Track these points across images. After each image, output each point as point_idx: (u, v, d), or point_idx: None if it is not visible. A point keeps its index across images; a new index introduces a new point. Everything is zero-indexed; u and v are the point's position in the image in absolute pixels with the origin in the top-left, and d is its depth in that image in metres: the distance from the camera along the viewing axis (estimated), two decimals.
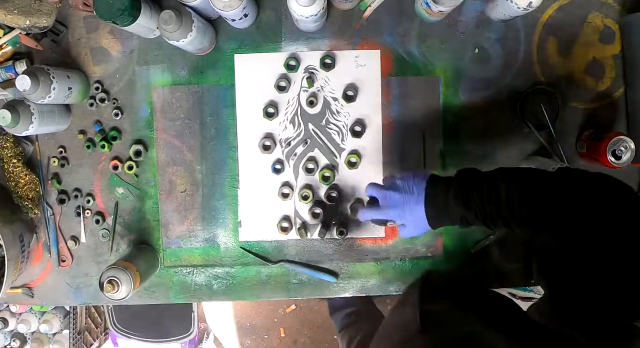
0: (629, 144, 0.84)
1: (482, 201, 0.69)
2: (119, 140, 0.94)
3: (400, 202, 0.77)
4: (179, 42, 0.80)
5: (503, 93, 0.93)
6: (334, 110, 0.94)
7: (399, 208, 0.77)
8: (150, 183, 0.96)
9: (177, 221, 0.96)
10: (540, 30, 0.93)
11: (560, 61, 0.93)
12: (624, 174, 0.93)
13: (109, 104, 0.94)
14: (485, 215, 0.69)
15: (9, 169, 0.93)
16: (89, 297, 0.98)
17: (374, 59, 0.92)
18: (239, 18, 0.84)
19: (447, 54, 0.93)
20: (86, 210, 0.95)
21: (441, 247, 0.95)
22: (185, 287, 0.97)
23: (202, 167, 0.95)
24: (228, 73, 0.94)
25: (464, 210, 0.71)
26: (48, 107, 0.87)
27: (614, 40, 0.93)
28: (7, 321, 1.52)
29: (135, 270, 0.86)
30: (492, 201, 0.68)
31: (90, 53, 0.94)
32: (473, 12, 0.92)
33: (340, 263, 0.96)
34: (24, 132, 0.84)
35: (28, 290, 0.97)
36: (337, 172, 0.94)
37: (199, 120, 0.94)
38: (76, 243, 0.96)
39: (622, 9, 0.92)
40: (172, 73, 0.94)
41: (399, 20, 0.92)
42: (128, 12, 0.75)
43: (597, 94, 0.93)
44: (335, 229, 0.94)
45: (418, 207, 0.75)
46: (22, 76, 0.78)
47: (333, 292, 0.97)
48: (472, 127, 0.93)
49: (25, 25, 0.86)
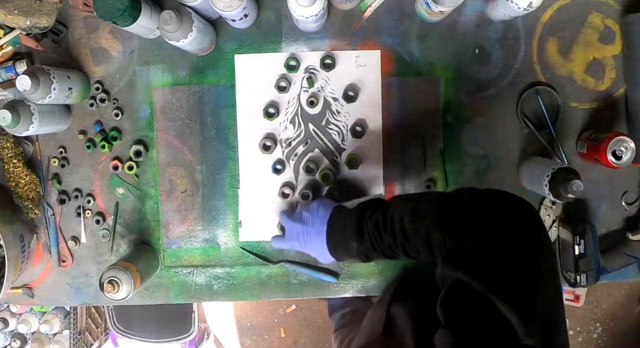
0: (629, 143, 0.84)
1: (378, 233, 0.69)
2: (119, 140, 0.94)
3: (302, 234, 0.79)
4: (179, 42, 0.80)
5: (503, 93, 0.93)
6: (334, 110, 0.94)
7: (300, 240, 0.80)
8: (150, 183, 0.96)
9: (177, 221, 0.96)
10: (540, 30, 0.93)
11: (560, 61, 0.93)
12: (624, 173, 0.93)
13: (109, 104, 0.94)
14: (383, 247, 0.69)
15: (9, 168, 0.93)
16: (89, 297, 0.98)
17: (374, 59, 0.92)
18: (239, 18, 0.83)
19: (447, 54, 0.93)
20: (86, 210, 0.95)
21: None
22: (185, 287, 0.97)
23: (202, 167, 0.95)
24: (228, 73, 0.94)
25: (359, 245, 0.72)
26: (48, 107, 0.87)
27: (614, 40, 0.93)
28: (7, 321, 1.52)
29: (135, 270, 0.86)
30: (387, 231, 0.67)
31: (90, 53, 0.94)
32: (473, 12, 0.92)
33: (340, 264, 0.96)
34: (24, 132, 0.84)
35: (28, 290, 0.97)
36: (337, 172, 0.94)
37: (199, 120, 0.94)
38: (76, 243, 0.96)
39: (622, 9, 0.92)
40: (172, 73, 0.94)
41: (399, 20, 0.92)
42: (128, 12, 0.75)
43: (597, 94, 0.93)
44: None
45: (319, 239, 0.77)
46: (22, 76, 0.78)
47: (333, 292, 0.97)
48: (472, 127, 0.93)
49: (25, 25, 0.86)
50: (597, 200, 0.94)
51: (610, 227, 0.95)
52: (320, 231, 0.77)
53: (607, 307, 2.06)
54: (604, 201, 0.95)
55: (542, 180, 0.82)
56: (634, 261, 0.93)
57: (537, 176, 0.84)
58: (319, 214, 0.79)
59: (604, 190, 0.94)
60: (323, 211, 0.79)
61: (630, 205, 0.94)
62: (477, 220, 0.56)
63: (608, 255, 0.94)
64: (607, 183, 0.94)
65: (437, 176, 0.94)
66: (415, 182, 0.94)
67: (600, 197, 0.94)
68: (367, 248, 0.72)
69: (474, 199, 0.59)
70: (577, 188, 0.77)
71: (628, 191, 0.94)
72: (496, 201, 0.57)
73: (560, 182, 0.79)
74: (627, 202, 0.95)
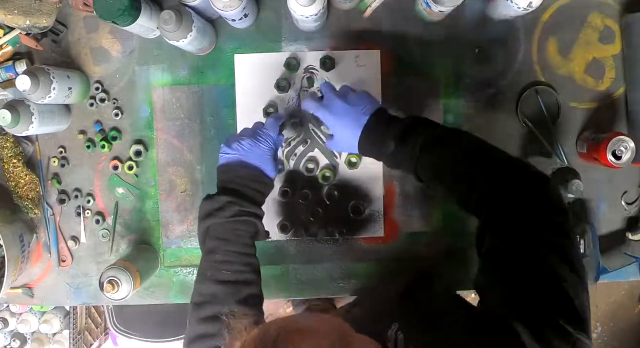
0: (629, 143, 0.84)
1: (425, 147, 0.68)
2: (119, 140, 0.94)
3: (341, 112, 0.75)
4: (179, 42, 0.80)
5: (503, 93, 0.93)
6: None
7: (336, 116, 0.76)
8: (150, 183, 0.95)
9: (177, 221, 0.96)
10: (540, 30, 0.93)
11: (560, 61, 0.93)
12: (624, 173, 0.93)
13: (109, 104, 0.94)
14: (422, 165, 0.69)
15: (9, 169, 0.93)
16: (89, 297, 0.98)
17: (374, 59, 0.92)
18: (239, 18, 0.83)
19: (447, 54, 0.93)
20: (86, 210, 0.95)
21: (442, 247, 0.95)
22: (185, 287, 0.97)
23: (202, 167, 0.95)
24: (228, 73, 0.94)
25: (399, 147, 0.70)
26: (48, 107, 0.87)
27: (614, 40, 0.93)
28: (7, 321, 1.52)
29: (135, 270, 0.86)
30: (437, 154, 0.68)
31: (90, 53, 0.94)
32: (473, 12, 0.92)
33: (340, 263, 0.96)
34: (24, 132, 0.84)
35: (28, 290, 0.97)
36: (337, 172, 0.94)
37: (199, 120, 0.94)
38: (76, 243, 0.96)
39: (622, 9, 0.92)
40: (172, 73, 0.94)
41: (399, 20, 0.92)
42: (128, 12, 0.75)
43: (597, 94, 0.93)
44: (335, 229, 0.94)
45: (354, 125, 0.74)
46: (22, 76, 0.78)
47: (333, 291, 0.97)
48: (472, 127, 0.93)
49: (25, 25, 0.86)
50: (597, 200, 0.94)
51: (610, 227, 0.95)
52: (359, 119, 0.74)
53: (607, 307, 2.06)
54: (604, 201, 0.95)
55: None
56: (634, 261, 0.93)
57: None
58: (366, 104, 0.75)
59: (604, 190, 0.94)
60: (371, 104, 0.76)
61: (630, 205, 0.94)
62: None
63: (608, 255, 0.94)
64: (607, 183, 0.94)
65: None
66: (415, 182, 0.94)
67: (600, 197, 0.94)
68: (403, 157, 0.71)
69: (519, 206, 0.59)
70: (577, 188, 0.78)
71: (628, 191, 0.94)
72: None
73: (560, 182, 0.79)
74: (627, 202, 0.95)
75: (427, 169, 0.70)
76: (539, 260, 0.54)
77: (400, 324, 0.60)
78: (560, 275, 0.52)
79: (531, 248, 0.55)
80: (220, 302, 0.69)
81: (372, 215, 0.95)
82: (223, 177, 0.76)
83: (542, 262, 0.54)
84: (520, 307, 0.52)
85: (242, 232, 0.73)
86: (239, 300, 0.69)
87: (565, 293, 0.52)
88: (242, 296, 0.70)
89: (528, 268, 0.54)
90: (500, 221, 0.59)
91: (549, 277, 0.53)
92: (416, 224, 0.95)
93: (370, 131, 0.74)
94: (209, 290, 0.70)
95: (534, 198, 0.59)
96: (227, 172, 0.76)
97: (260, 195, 0.77)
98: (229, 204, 0.72)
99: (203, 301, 0.70)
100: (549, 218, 0.57)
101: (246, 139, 0.77)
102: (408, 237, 0.95)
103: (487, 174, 0.63)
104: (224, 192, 0.74)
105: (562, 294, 0.52)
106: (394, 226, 0.95)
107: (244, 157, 0.76)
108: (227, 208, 0.72)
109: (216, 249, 0.71)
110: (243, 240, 0.73)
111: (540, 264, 0.54)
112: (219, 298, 0.69)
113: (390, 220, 0.95)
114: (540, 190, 0.60)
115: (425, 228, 0.95)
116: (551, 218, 0.57)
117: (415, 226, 0.95)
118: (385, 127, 0.73)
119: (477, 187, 0.63)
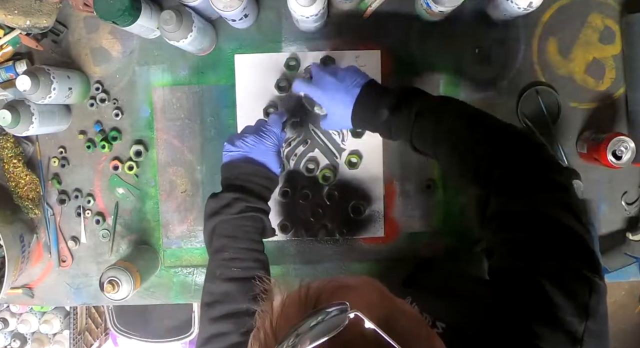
0: (629, 143, 0.84)
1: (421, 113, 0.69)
2: (119, 140, 0.94)
3: (331, 87, 0.76)
4: (179, 42, 0.80)
5: (503, 93, 0.93)
6: None
7: (327, 92, 0.76)
8: (150, 183, 0.95)
9: (177, 221, 0.96)
10: (540, 30, 0.93)
11: (560, 61, 0.93)
12: (624, 173, 0.93)
13: (109, 104, 0.94)
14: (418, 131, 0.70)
15: (9, 169, 0.93)
16: (89, 297, 0.98)
17: (374, 59, 0.92)
18: (239, 18, 0.83)
19: (447, 54, 0.93)
20: (86, 210, 0.95)
21: (442, 247, 0.95)
22: (185, 287, 0.97)
23: (202, 167, 0.95)
24: (228, 73, 0.94)
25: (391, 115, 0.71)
26: (48, 107, 0.87)
27: (614, 40, 0.92)
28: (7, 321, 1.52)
29: (135, 270, 0.86)
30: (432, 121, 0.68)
31: (90, 53, 0.94)
32: (473, 12, 0.92)
33: (340, 263, 0.96)
34: (24, 132, 0.84)
35: (28, 290, 0.97)
36: (337, 172, 0.94)
37: (199, 120, 0.94)
38: (76, 243, 0.96)
39: (622, 9, 0.92)
40: (172, 73, 0.94)
41: (399, 20, 0.92)
42: (128, 12, 0.75)
43: (597, 94, 0.93)
44: (335, 229, 0.94)
45: (346, 98, 0.74)
46: (22, 76, 0.78)
47: None
48: None
49: (25, 25, 0.86)
50: (597, 200, 0.94)
51: (610, 227, 0.95)
52: (351, 92, 0.74)
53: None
54: (604, 201, 0.95)
55: None
56: (634, 261, 0.93)
57: None
58: (354, 77, 0.76)
59: (604, 190, 0.94)
60: (359, 77, 0.76)
61: (630, 205, 0.94)
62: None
63: (608, 255, 0.94)
64: (607, 183, 0.94)
65: (437, 176, 0.94)
66: (415, 182, 0.94)
67: (600, 197, 0.94)
68: (397, 124, 0.71)
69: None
70: (577, 189, 0.78)
71: (628, 191, 0.94)
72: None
73: None
74: (627, 202, 0.95)
75: (422, 136, 0.70)
76: (546, 213, 0.56)
77: (412, 297, 0.60)
78: (567, 224, 0.55)
79: (537, 204, 0.57)
80: (232, 300, 0.68)
81: (372, 215, 0.95)
82: (227, 174, 0.76)
83: (549, 214, 0.56)
84: (535, 257, 0.54)
85: (249, 228, 0.72)
86: (252, 297, 0.68)
87: (575, 238, 0.54)
88: (254, 292, 0.69)
89: (536, 220, 0.56)
90: (502, 182, 0.61)
91: (557, 227, 0.55)
92: (416, 224, 0.95)
93: (363, 102, 0.74)
94: (219, 289, 0.69)
95: (533, 159, 0.62)
96: (231, 169, 0.75)
97: (266, 191, 0.76)
98: (235, 200, 0.71)
99: (214, 300, 0.69)
100: (549, 176, 0.60)
101: (249, 135, 0.76)
102: (408, 237, 0.95)
103: (485, 140, 0.65)
104: (230, 189, 0.73)
105: (572, 240, 0.54)
106: (394, 226, 0.95)
107: (248, 154, 0.75)
108: (234, 204, 0.71)
109: (224, 247, 0.71)
110: (251, 236, 0.72)
111: (547, 216, 0.56)
112: (230, 296, 0.68)
113: (390, 220, 0.95)
114: (537, 152, 0.63)
115: (425, 228, 0.95)
116: (551, 176, 0.60)
117: (415, 226, 0.95)
118: (377, 97, 0.73)
119: (477, 153, 0.64)
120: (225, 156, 0.77)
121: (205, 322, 0.69)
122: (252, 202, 0.72)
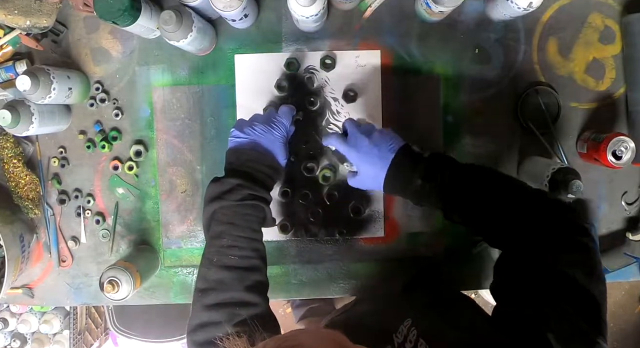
0: (629, 143, 0.84)
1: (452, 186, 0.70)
2: (119, 140, 0.94)
3: (366, 150, 0.75)
4: (179, 42, 0.80)
5: (503, 93, 0.93)
6: (334, 110, 0.93)
7: (361, 153, 0.75)
8: (150, 183, 0.96)
9: (177, 221, 0.96)
10: (540, 30, 0.93)
11: (560, 61, 0.93)
12: (624, 173, 0.93)
13: (109, 104, 0.94)
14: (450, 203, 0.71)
15: (9, 169, 0.93)
16: (89, 297, 0.98)
17: (374, 59, 0.92)
18: (239, 18, 0.83)
19: (447, 54, 0.93)
20: (86, 210, 0.95)
21: (442, 247, 0.95)
22: (185, 287, 0.97)
23: (202, 167, 0.95)
24: (228, 73, 0.94)
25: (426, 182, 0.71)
26: (48, 107, 0.87)
27: (614, 40, 0.93)
28: (7, 321, 1.52)
29: (135, 270, 0.86)
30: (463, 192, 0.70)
31: (90, 53, 0.94)
32: (473, 12, 0.92)
33: (340, 263, 0.96)
34: (24, 132, 0.84)
35: (28, 290, 0.97)
36: (337, 172, 0.94)
37: (199, 120, 0.94)
38: (76, 243, 0.96)
39: (622, 9, 0.92)
40: (172, 73, 0.94)
41: (399, 20, 0.92)
42: (128, 12, 0.75)
43: (597, 94, 0.93)
44: (335, 229, 0.94)
45: (380, 163, 0.74)
46: (22, 76, 0.78)
47: (333, 291, 0.97)
48: (472, 127, 0.93)
49: (25, 25, 0.86)
50: (597, 200, 0.94)
51: (610, 227, 0.95)
52: (384, 156, 0.73)
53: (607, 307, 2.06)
54: (604, 201, 0.95)
55: (542, 180, 0.82)
56: (634, 261, 0.93)
57: (537, 176, 0.84)
58: (390, 141, 0.75)
59: (604, 190, 0.94)
60: (395, 141, 0.75)
61: (630, 205, 0.94)
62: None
63: (608, 255, 0.94)
64: (607, 183, 0.94)
65: None
66: None
67: (600, 197, 0.94)
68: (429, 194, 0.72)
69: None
70: (577, 188, 0.78)
71: (628, 191, 0.94)
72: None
73: (560, 182, 0.79)
74: (627, 202, 0.95)
75: (454, 207, 0.71)
76: (565, 272, 0.57)
77: (412, 319, 0.60)
78: (583, 285, 0.56)
79: (557, 262, 0.59)
80: (227, 288, 0.67)
81: (372, 215, 0.95)
82: (233, 159, 0.75)
83: (568, 274, 0.57)
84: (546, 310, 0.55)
85: (250, 216, 0.71)
86: (246, 287, 0.67)
87: (588, 300, 0.56)
88: (249, 282, 0.68)
89: (555, 277, 0.58)
90: (526, 243, 0.63)
91: (573, 287, 0.57)
92: (416, 224, 0.95)
93: (397, 168, 0.73)
94: (215, 276, 0.68)
95: (560, 221, 0.63)
96: (237, 155, 0.74)
97: (270, 180, 0.75)
98: (238, 187, 0.70)
99: (208, 287, 0.68)
100: (574, 238, 0.61)
101: (259, 124, 0.76)
102: (408, 237, 0.95)
103: (516, 209, 0.66)
104: (233, 174, 0.72)
105: (585, 302, 0.56)
106: (394, 226, 0.95)
107: (256, 141, 0.75)
108: (236, 191, 0.70)
109: (223, 233, 0.69)
110: (251, 225, 0.71)
111: (566, 275, 0.57)
112: (225, 284, 0.67)
113: (390, 220, 0.95)
114: (564, 214, 0.65)
115: (425, 228, 0.95)
116: (576, 238, 0.61)
117: (415, 226, 0.95)
118: (411, 166, 0.72)
119: (505, 224, 0.66)
120: (232, 141, 0.76)
121: (197, 307, 0.68)
122: (255, 190, 0.71)
